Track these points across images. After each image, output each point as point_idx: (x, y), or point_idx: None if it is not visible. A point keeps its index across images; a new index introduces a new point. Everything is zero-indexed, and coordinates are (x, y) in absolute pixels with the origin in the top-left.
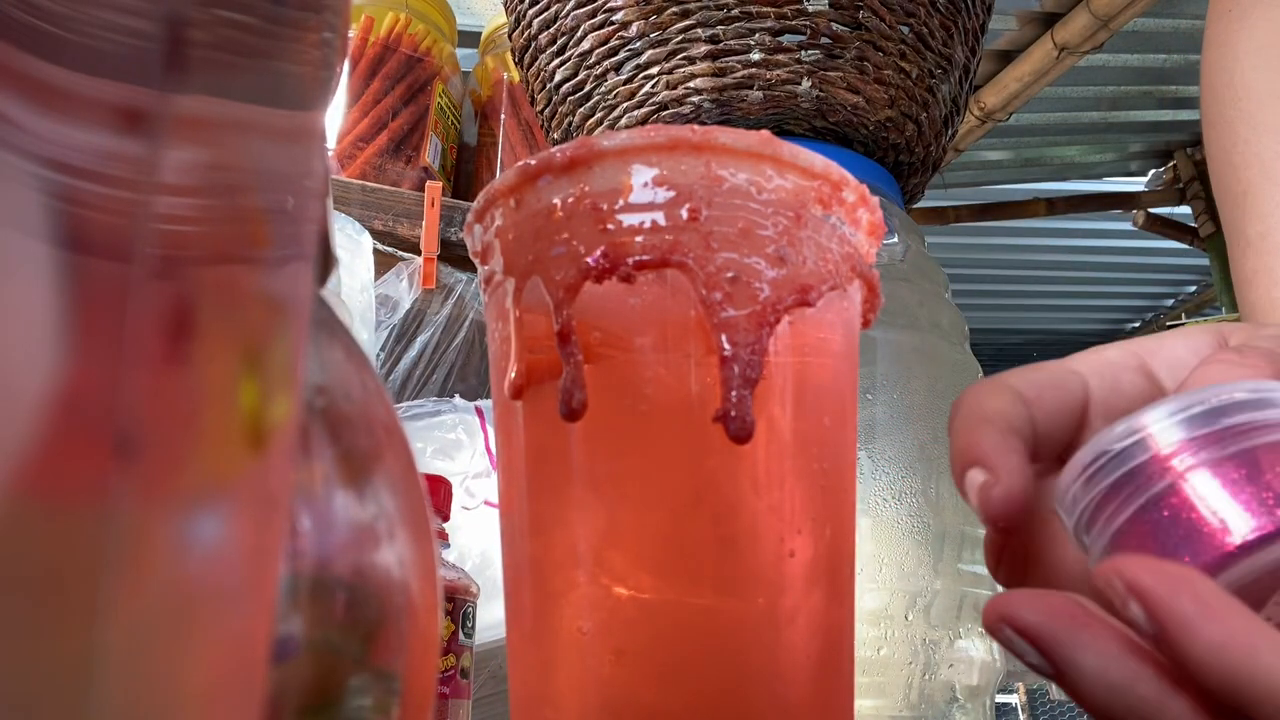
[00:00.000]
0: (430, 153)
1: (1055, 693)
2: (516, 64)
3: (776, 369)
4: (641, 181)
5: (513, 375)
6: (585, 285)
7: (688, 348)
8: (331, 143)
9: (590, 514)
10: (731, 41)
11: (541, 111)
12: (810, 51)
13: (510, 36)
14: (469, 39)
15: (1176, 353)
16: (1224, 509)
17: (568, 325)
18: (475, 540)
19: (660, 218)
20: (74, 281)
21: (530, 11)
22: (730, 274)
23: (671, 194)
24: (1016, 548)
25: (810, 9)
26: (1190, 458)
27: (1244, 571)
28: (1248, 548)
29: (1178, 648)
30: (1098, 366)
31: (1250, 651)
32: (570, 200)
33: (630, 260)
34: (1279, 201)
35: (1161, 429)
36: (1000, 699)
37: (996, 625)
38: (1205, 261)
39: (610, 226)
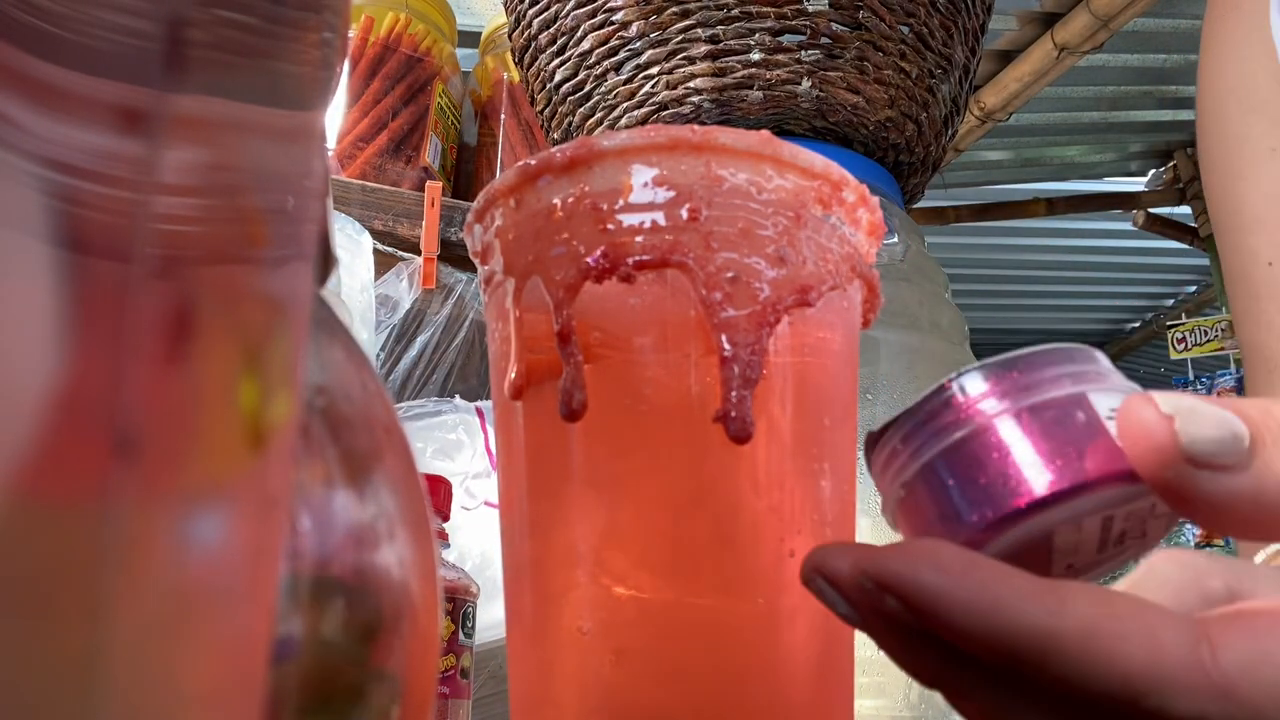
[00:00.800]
0: (430, 153)
1: None
2: (516, 64)
3: (776, 369)
4: (641, 181)
5: (513, 375)
6: (585, 285)
7: (688, 348)
8: (331, 143)
9: (590, 514)
10: (731, 41)
11: (541, 111)
12: (810, 51)
13: (510, 36)
14: (469, 39)
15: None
16: (1021, 463)
17: (568, 325)
18: (475, 540)
19: (660, 218)
20: (74, 281)
21: (530, 11)
22: (730, 274)
23: (671, 194)
24: None
25: (810, 9)
26: (985, 410)
27: (1031, 529)
28: (1040, 504)
29: (937, 624)
30: None
31: (995, 605)
32: (570, 200)
33: (630, 260)
34: (1265, 191)
35: (960, 383)
36: None
37: (810, 576)
38: (1205, 261)
39: (610, 226)
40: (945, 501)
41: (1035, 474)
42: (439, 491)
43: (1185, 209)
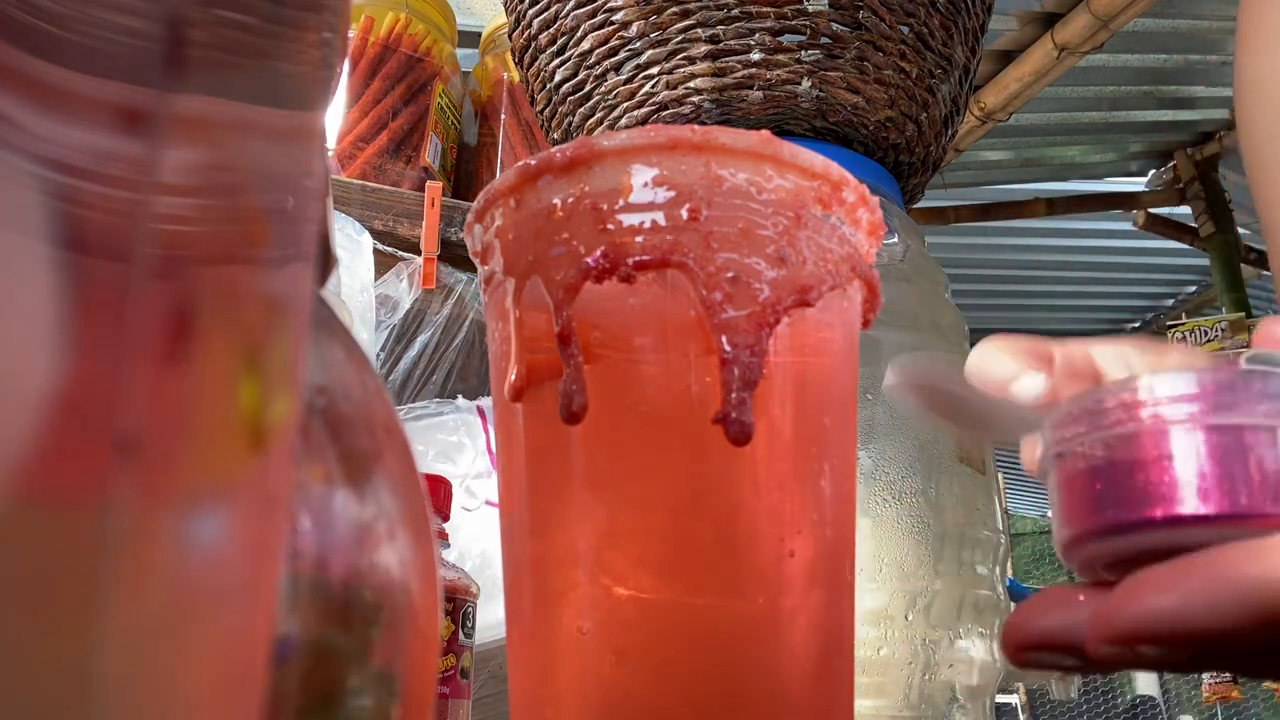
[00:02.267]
0: (430, 153)
1: (1055, 692)
2: (516, 64)
3: (776, 369)
4: (641, 181)
5: (512, 377)
6: (585, 285)
7: (688, 348)
8: (331, 143)
9: (590, 514)
10: (731, 41)
11: (541, 111)
12: (810, 51)
13: (510, 36)
14: (469, 39)
15: None
16: (1178, 477)
17: (568, 326)
18: (475, 540)
19: (660, 218)
20: (74, 281)
21: (530, 11)
22: (730, 274)
23: (671, 194)
24: None
25: (810, 9)
26: (1169, 414)
27: (1164, 539)
28: (1176, 520)
29: (1193, 640)
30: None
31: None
32: (570, 200)
33: (630, 260)
34: None
35: (1156, 380)
36: (1000, 699)
37: (1016, 655)
38: (1205, 261)
39: (610, 226)
40: (1097, 484)
41: (1186, 491)
42: (439, 492)
43: (1185, 209)
